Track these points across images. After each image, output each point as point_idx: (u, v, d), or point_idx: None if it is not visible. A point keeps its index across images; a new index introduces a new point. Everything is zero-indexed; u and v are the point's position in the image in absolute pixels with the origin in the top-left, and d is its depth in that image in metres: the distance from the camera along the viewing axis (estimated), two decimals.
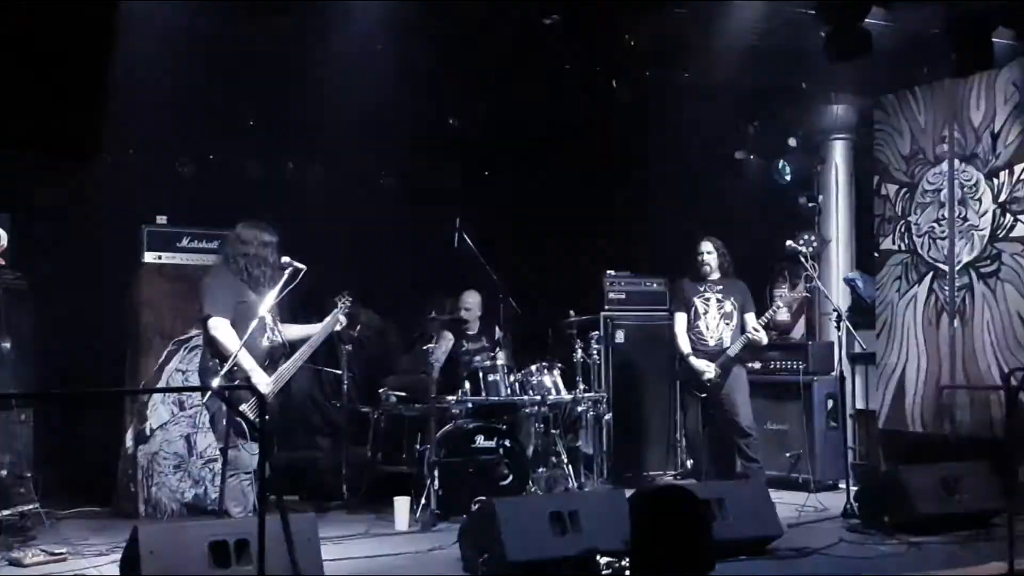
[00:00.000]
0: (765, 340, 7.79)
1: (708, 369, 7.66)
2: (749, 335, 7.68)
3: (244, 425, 5.66)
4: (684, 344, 7.83)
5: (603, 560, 4.26)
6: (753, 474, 7.58)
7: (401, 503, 7.08)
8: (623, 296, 9.44)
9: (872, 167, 8.93)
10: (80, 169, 8.02)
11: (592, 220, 10.28)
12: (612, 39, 7.45)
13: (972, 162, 8.08)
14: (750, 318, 7.83)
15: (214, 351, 5.95)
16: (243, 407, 5.30)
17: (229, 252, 6.20)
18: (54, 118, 2.94)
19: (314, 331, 6.42)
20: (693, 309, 7.84)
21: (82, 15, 2.93)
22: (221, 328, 5.90)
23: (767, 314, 7.86)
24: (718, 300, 7.83)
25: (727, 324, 7.79)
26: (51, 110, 2.93)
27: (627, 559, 4.15)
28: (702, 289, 7.86)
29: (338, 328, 6.55)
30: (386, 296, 9.51)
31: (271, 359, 6.09)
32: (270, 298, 5.95)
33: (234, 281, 6.07)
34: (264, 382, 5.88)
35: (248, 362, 5.87)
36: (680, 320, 7.91)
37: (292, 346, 6.28)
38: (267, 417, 5.87)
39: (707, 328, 7.80)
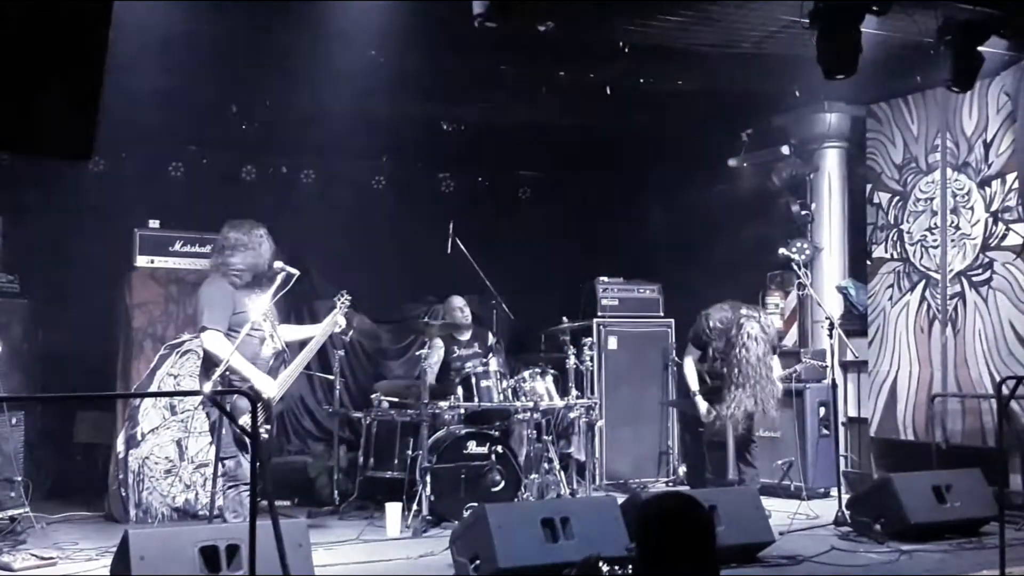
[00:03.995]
0: (780, 392, 7.63)
1: (707, 416, 7.54)
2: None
3: (246, 437, 5.57)
4: (692, 381, 7.65)
5: (605, 568, 4.25)
6: (750, 479, 7.59)
7: (393, 509, 7.07)
8: (616, 302, 9.45)
9: (865, 175, 8.95)
10: (73, 173, 8.06)
11: (585, 226, 10.30)
12: (606, 45, 7.45)
13: (964, 171, 8.10)
14: (775, 362, 7.60)
15: (212, 362, 5.82)
16: (244, 419, 5.13)
17: (218, 258, 6.11)
18: (46, 122, 2.94)
19: (312, 332, 6.39)
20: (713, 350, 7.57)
21: (76, 17, 2.93)
22: (215, 341, 5.80)
23: (786, 372, 7.75)
24: None
25: None
26: (43, 113, 2.92)
27: (630, 565, 4.15)
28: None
29: (338, 329, 6.49)
30: (379, 301, 9.52)
31: (273, 366, 6.06)
32: (262, 303, 5.93)
33: (228, 290, 5.97)
34: (269, 387, 5.87)
35: (249, 370, 5.81)
36: (693, 356, 7.70)
37: (290, 347, 6.24)
38: (269, 425, 5.87)
39: None
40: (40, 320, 7.96)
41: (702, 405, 7.57)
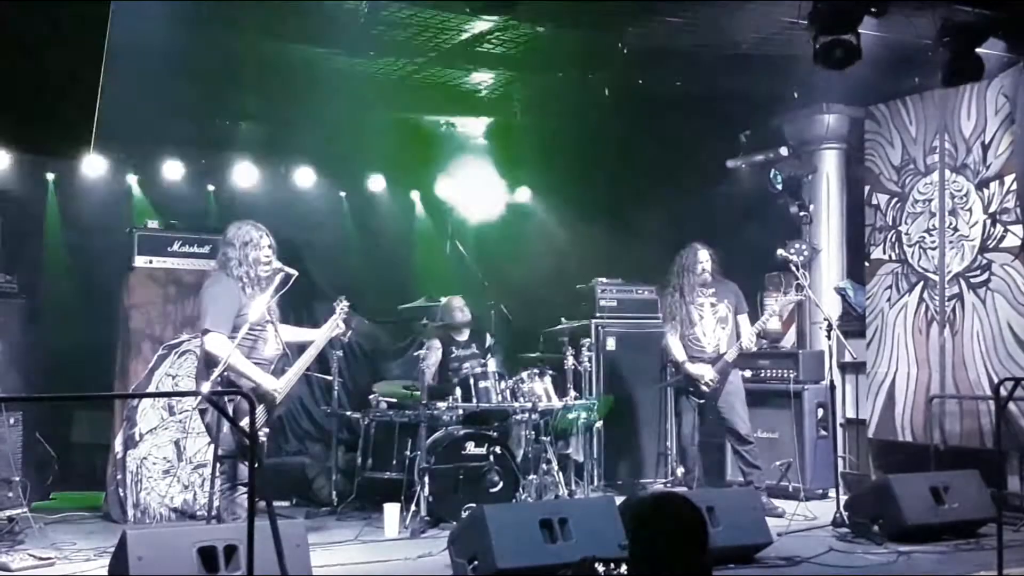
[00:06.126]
0: (754, 348, 7.91)
1: (706, 373, 7.69)
2: (743, 343, 7.73)
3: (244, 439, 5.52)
4: (679, 352, 7.82)
5: (601, 568, 4.25)
6: (757, 480, 7.65)
7: (391, 509, 7.06)
8: (614, 303, 9.44)
9: (863, 176, 8.95)
10: (71, 173, 8.05)
11: (584, 227, 10.29)
12: (605, 48, 7.46)
13: (963, 172, 8.11)
14: (744, 320, 7.90)
15: (211, 363, 5.77)
16: (243, 421, 4.99)
17: (223, 258, 6.07)
18: (45, 121, 2.94)
19: (312, 336, 6.38)
20: (688, 318, 7.83)
21: (75, 19, 2.93)
22: (217, 344, 5.76)
23: (759, 323, 7.89)
24: (712, 304, 7.86)
25: (723, 328, 7.83)
26: (42, 113, 2.92)
27: (624, 566, 4.15)
28: (694, 296, 7.87)
29: (337, 333, 6.48)
30: (377, 302, 9.52)
31: (277, 367, 6.04)
32: (261, 303, 5.90)
33: (234, 290, 5.92)
34: (273, 383, 5.86)
35: (250, 369, 5.79)
36: (674, 332, 7.90)
37: (289, 349, 6.23)
38: (268, 428, 5.86)
39: (704, 335, 7.81)
40: (38, 320, 7.95)
41: (695, 368, 7.73)
